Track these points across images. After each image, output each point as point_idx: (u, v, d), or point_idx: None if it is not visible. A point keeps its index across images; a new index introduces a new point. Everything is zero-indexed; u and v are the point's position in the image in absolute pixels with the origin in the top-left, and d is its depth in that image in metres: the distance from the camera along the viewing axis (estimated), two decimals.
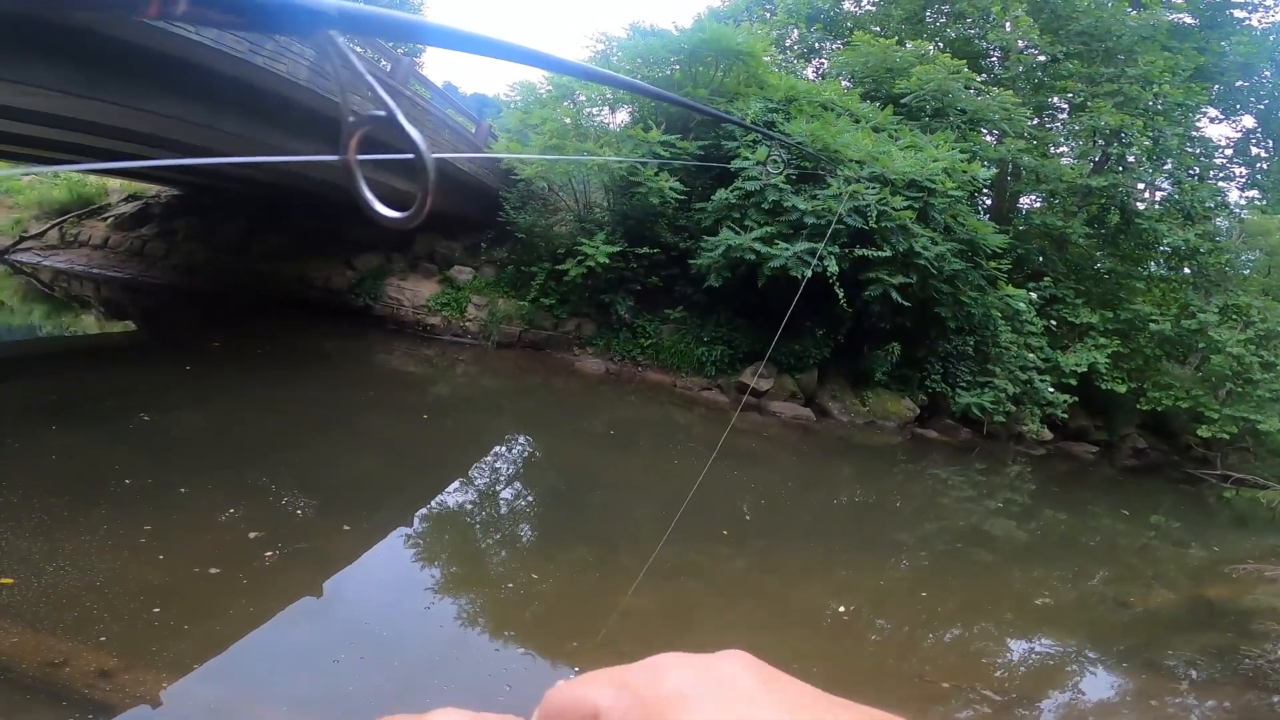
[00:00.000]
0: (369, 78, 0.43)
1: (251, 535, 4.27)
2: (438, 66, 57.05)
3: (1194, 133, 15.74)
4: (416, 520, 5.24)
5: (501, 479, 6.78)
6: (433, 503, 5.71)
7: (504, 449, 8.01)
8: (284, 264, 13.48)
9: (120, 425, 5.90)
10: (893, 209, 10.05)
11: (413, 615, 3.88)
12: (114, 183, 17.48)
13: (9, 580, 3.42)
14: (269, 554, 4.10)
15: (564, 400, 10.58)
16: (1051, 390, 12.49)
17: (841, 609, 4.92)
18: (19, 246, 16.02)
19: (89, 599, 3.38)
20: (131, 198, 17.01)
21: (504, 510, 5.96)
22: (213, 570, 3.82)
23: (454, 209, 12.87)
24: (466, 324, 12.28)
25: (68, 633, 3.12)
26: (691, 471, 8.18)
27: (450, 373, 11.11)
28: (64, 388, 7.13)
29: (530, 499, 6.39)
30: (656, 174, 10.98)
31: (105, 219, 16.53)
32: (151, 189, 16.85)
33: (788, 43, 19.65)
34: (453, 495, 5.99)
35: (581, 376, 11.37)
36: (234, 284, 13.55)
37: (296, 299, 12.91)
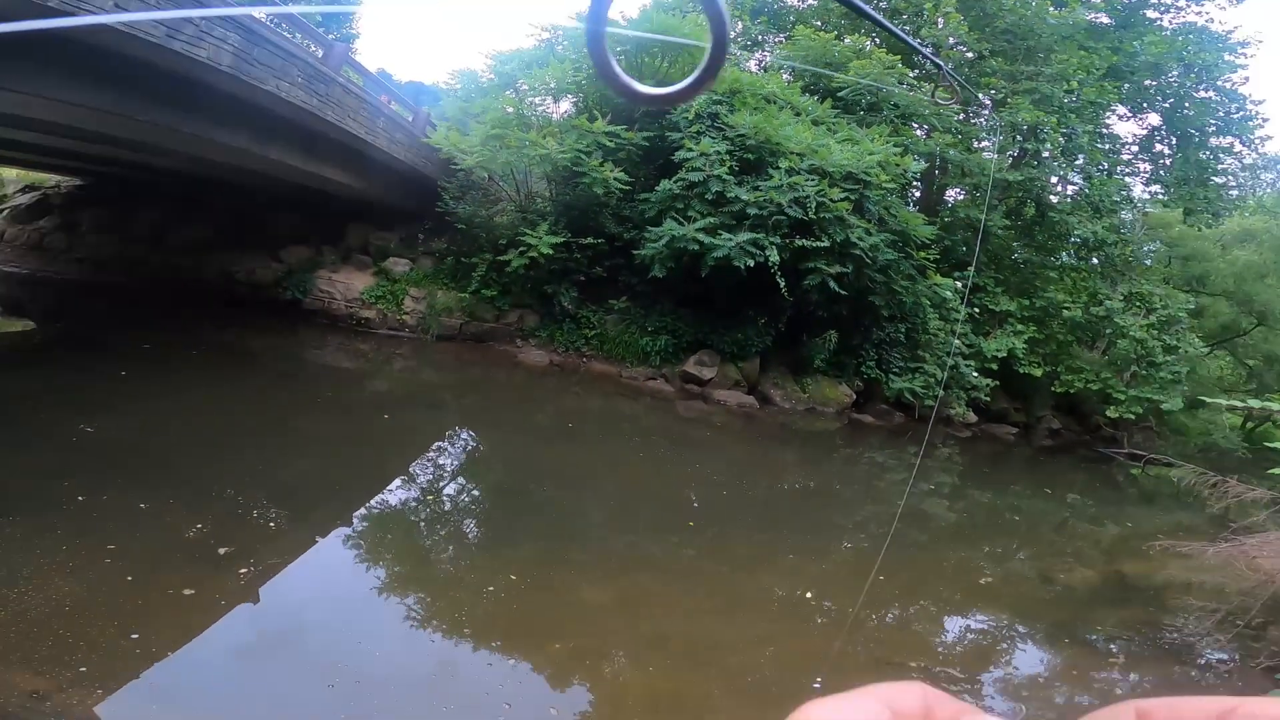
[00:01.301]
0: None
1: (222, 551, 4.10)
2: (372, 53, 54.92)
3: (1104, 130, 16.72)
4: (390, 528, 5.13)
5: (466, 481, 6.66)
6: (403, 509, 5.59)
7: (458, 449, 7.87)
8: (203, 256, 12.80)
9: (62, 437, 5.49)
10: (830, 200, 10.30)
11: (398, 632, 3.77)
12: (9, 173, 16.23)
13: None
14: (243, 570, 3.94)
15: (509, 392, 10.46)
16: (975, 375, 13.15)
17: (789, 593, 5.07)
18: None
19: (61, 626, 3.17)
20: (29, 188, 15.84)
21: (471, 512, 5.88)
22: (187, 591, 3.64)
23: (390, 199, 12.45)
24: (404, 317, 11.94)
25: (44, 663, 2.92)
26: (645, 463, 8.25)
27: (389, 368, 10.80)
28: None
29: (494, 499, 6.32)
30: (601, 164, 10.90)
31: (0, 211, 15.35)
32: (50, 179, 15.72)
33: (732, 35, 19.77)
34: (421, 500, 5.87)
35: (525, 368, 11.25)
36: (148, 278, 12.77)
37: (219, 293, 12.26)
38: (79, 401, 6.54)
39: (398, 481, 6.11)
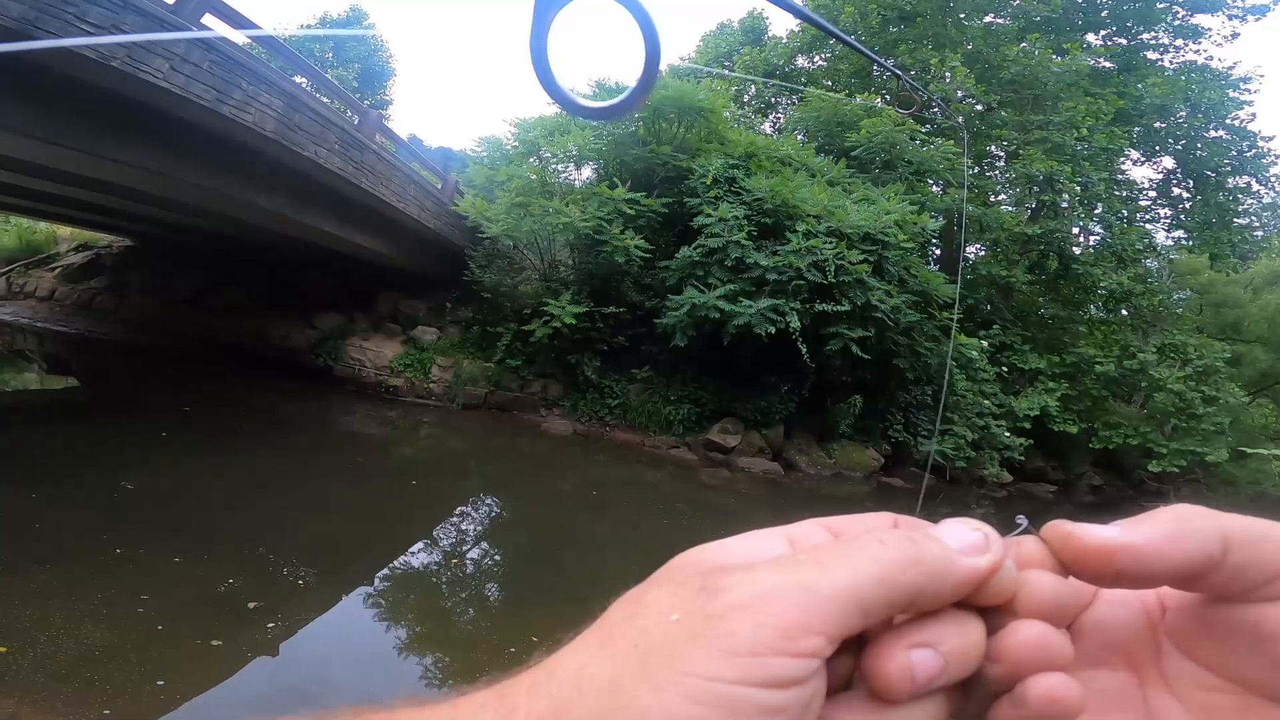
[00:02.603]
0: None
1: (251, 606, 4.17)
2: (403, 119, 57.59)
3: (1119, 176, 16.66)
4: (414, 589, 5.15)
5: (489, 545, 6.63)
6: (426, 570, 5.61)
7: (482, 514, 7.84)
8: (240, 320, 13.17)
9: (104, 493, 5.68)
10: (850, 263, 10.26)
11: (418, 690, 3.75)
12: (64, 230, 16.80)
13: (2, 648, 3.27)
14: (271, 625, 4.01)
15: (533, 461, 10.46)
16: (1007, 435, 12.86)
17: None
18: None
19: (88, 670, 3.22)
20: (82, 247, 16.35)
21: (493, 575, 5.83)
22: (215, 642, 3.69)
23: (419, 267, 12.78)
24: (431, 385, 12.09)
25: (68, 705, 2.97)
26: (669, 529, 8.13)
27: (415, 435, 10.90)
28: (39, 452, 6.78)
29: (516, 562, 6.27)
30: (622, 232, 11.03)
31: (53, 269, 15.84)
32: (103, 238, 16.25)
33: (745, 98, 20.36)
34: (444, 562, 5.87)
35: (549, 437, 11.26)
36: (187, 340, 13.11)
37: (254, 357, 12.57)
38: (120, 459, 6.73)
39: (422, 544, 6.15)
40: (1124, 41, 17.89)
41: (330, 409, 11.34)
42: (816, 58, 20.10)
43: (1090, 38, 17.86)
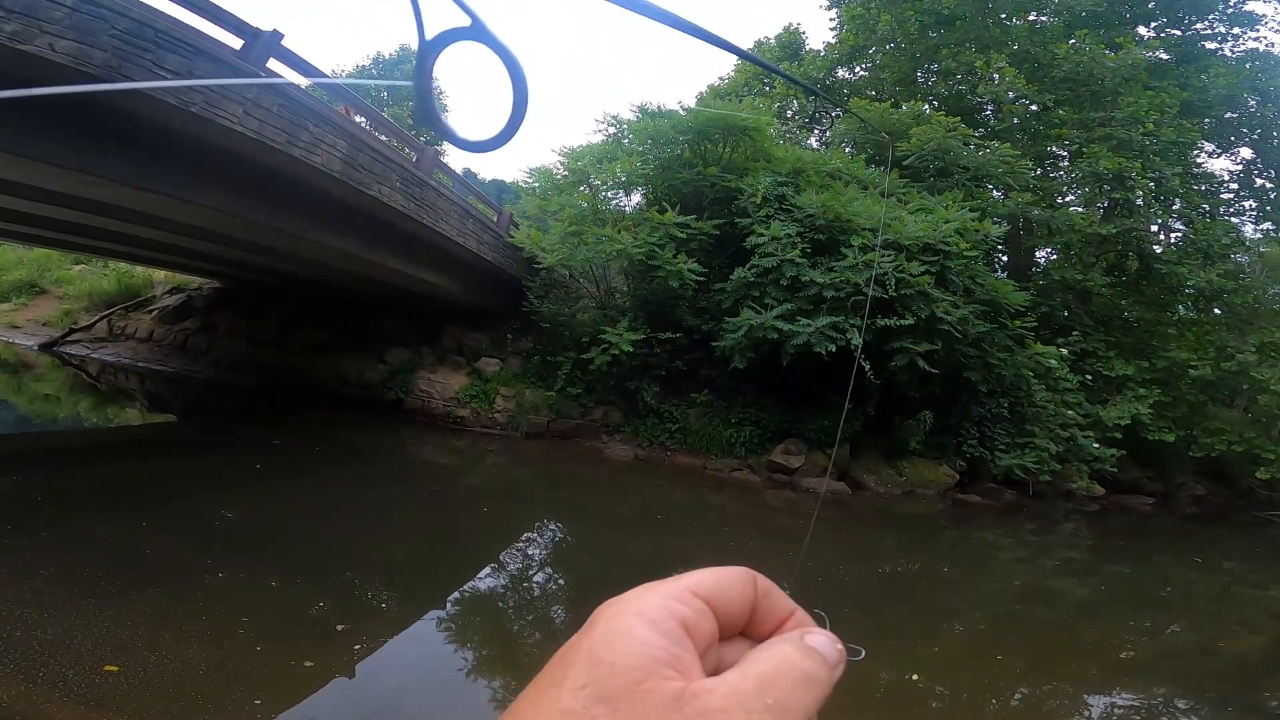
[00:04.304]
0: None
1: (339, 628, 4.37)
2: (457, 154, 60.24)
3: (1195, 169, 15.76)
4: (484, 612, 5.28)
5: (555, 570, 6.69)
6: (496, 594, 5.74)
7: (548, 539, 7.93)
8: (321, 359, 13.89)
9: (206, 522, 6.09)
10: (910, 275, 9.90)
11: (486, 714, 3.82)
12: (158, 274, 17.95)
13: (114, 668, 3.46)
14: (356, 646, 4.20)
15: (596, 487, 10.52)
16: (1096, 445, 12.11)
17: (901, 678, 4.68)
18: (68, 339, 16.41)
19: (192, 688, 3.42)
20: (175, 290, 17.43)
21: (559, 599, 5.87)
22: (307, 663, 3.88)
23: (480, 300, 13.21)
24: (495, 415, 12.39)
25: None
26: (733, 551, 7.99)
27: (482, 464, 11.16)
28: (148, 484, 7.33)
29: (581, 586, 6.29)
30: (674, 256, 11.05)
31: (150, 311, 16.87)
32: (194, 281, 17.30)
33: (789, 114, 20.37)
34: (512, 586, 5.98)
35: (611, 463, 11.31)
36: (274, 379, 13.91)
37: (333, 394, 13.24)
38: (220, 490, 7.19)
39: (491, 568, 6.28)
40: (1177, 33, 17.11)
41: (404, 441, 11.77)
42: (857, 68, 19.96)
43: (1141, 30, 17.17)
